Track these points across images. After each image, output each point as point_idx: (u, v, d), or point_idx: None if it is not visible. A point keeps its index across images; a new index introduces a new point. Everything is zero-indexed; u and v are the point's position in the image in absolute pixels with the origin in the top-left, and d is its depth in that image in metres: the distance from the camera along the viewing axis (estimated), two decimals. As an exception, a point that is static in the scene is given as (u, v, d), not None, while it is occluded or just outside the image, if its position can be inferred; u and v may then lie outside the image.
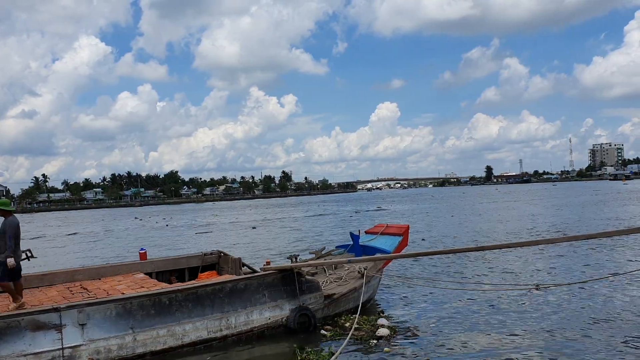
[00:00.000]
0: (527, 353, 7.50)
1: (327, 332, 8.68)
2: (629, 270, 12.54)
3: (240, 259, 10.34)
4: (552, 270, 13.80)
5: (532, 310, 9.77)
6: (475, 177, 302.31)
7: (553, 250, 16.67)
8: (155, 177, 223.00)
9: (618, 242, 17.37)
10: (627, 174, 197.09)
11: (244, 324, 8.29)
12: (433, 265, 15.19)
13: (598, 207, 41.23)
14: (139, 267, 10.39)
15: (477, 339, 8.27)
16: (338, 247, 12.37)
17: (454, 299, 10.93)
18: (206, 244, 26.11)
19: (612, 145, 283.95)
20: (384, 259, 10.48)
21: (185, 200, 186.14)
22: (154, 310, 7.62)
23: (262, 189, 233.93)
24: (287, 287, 8.86)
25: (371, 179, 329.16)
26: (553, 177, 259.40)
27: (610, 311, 9.40)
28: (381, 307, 10.65)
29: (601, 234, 7.78)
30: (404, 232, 11.70)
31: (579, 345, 7.68)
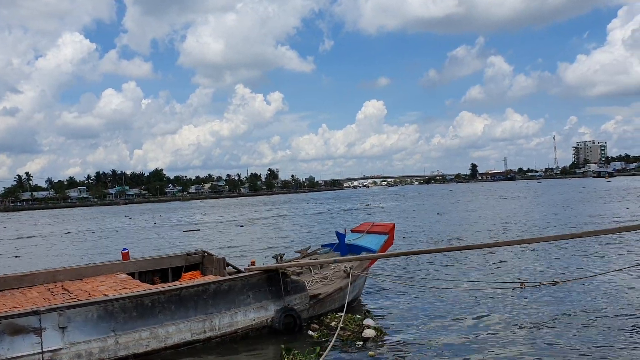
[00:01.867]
0: (515, 352, 7.47)
1: (313, 333, 8.61)
2: (614, 268, 12.61)
3: (225, 259, 10.21)
4: (537, 268, 13.85)
5: (518, 309, 9.77)
6: (461, 175, 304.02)
7: (539, 248, 16.73)
8: (140, 175, 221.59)
9: (604, 241, 17.48)
10: (610, 171, 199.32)
11: (228, 325, 8.18)
12: (419, 264, 15.16)
13: (583, 205, 41.60)
14: (122, 268, 10.22)
15: (463, 339, 8.23)
16: (324, 246, 12.28)
17: (440, 298, 10.90)
18: (194, 243, 25.93)
19: (595, 142, 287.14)
20: (370, 258, 10.43)
21: (170, 198, 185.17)
22: (136, 312, 7.48)
23: (248, 187, 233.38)
24: (272, 288, 8.76)
25: (358, 177, 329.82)
26: (537, 175, 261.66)
27: (595, 309, 9.42)
28: (367, 306, 10.59)
29: (586, 233, 7.78)
30: (389, 230, 11.66)
31: (566, 343, 7.67)
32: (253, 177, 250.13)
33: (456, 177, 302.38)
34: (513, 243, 10.04)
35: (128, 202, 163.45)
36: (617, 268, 12.33)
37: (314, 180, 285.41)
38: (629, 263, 13.20)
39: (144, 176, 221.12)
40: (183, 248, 16.22)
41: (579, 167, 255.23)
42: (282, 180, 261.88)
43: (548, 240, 9.89)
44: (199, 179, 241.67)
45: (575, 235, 7.88)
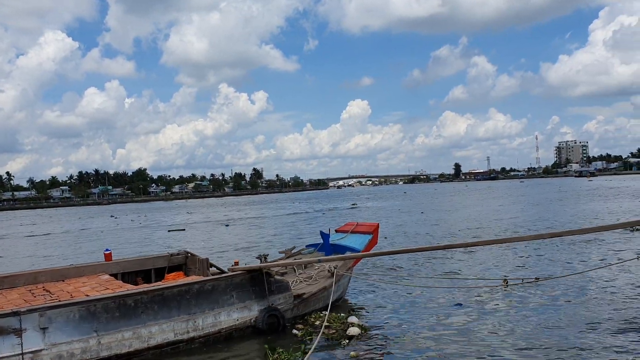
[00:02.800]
0: (497, 349, 7.55)
1: (298, 332, 8.62)
2: (594, 267, 12.77)
3: (208, 259, 10.18)
4: (520, 266, 14.00)
5: (501, 307, 9.87)
6: (444, 174, 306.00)
7: (521, 247, 16.90)
8: (123, 174, 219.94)
9: (584, 240, 17.70)
10: (591, 171, 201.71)
11: (212, 325, 8.16)
12: (403, 263, 15.23)
13: (564, 205, 42.08)
14: (104, 268, 10.14)
15: (446, 337, 8.29)
16: (308, 246, 12.30)
17: (424, 296, 10.97)
18: (179, 243, 25.80)
19: (577, 142, 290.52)
20: (354, 258, 10.46)
21: (153, 198, 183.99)
22: (119, 313, 7.44)
23: (233, 186, 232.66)
24: (256, 288, 8.76)
25: (343, 177, 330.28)
26: (520, 175, 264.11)
27: (577, 306, 9.55)
28: (351, 305, 10.63)
29: (566, 232, 7.89)
30: (373, 230, 11.71)
31: (548, 340, 7.76)
32: (237, 177, 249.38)
33: (440, 176, 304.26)
34: (495, 242, 10.14)
35: (111, 202, 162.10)
36: (597, 266, 12.50)
37: (298, 179, 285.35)
38: (609, 261, 13.40)
39: (127, 176, 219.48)
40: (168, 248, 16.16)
41: (561, 167, 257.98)
42: (266, 179, 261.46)
43: (529, 239, 10.00)
44: (182, 178, 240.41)
45: (555, 234, 7.99)
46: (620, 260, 12.72)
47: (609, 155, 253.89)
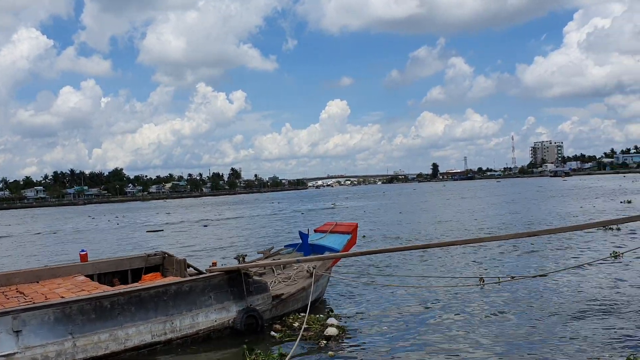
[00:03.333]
0: (474, 347, 7.62)
1: (276, 333, 8.60)
2: (569, 265, 12.97)
3: (185, 260, 10.10)
4: (496, 265, 14.15)
5: (479, 305, 9.97)
6: (422, 174, 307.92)
7: (497, 246, 17.08)
8: (100, 174, 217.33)
9: (559, 239, 17.96)
10: (566, 171, 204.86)
11: (190, 326, 8.10)
12: (381, 263, 15.30)
13: (540, 204, 42.66)
14: (80, 269, 10.00)
15: (424, 336, 8.35)
16: (287, 246, 12.28)
17: (402, 296, 11.03)
18: (157, 244, 25.56)
19: (552, 143, 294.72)
20: (333, 258, 10.46)
21: (130, 198, 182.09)
22: (95, 315, 7.34)
23: (211, 186, 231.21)
24: (234, 289, 8.71)
25: (322, 176, 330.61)
26: (496, 174, 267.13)
27: (552, 304, 9.68)
28: (330, 306, 10.62)
29: (542, 231, 8.00)
30: (352, 230, 11.72)
31: (524, 338, 7.86)
32: (215, 177, 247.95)
33: (418, 176, 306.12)
34: (472, 242, 10.26)
35: (87, 202, 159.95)
36: (572, 265, 12.69)
37: (277, 179, 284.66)
38: (583, 260, 13.61)
39: (104, 176, 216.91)
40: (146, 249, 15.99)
41: (537, 167, 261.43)
42: (245, 179, 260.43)
43: (506, 238, 10.12)
44: (159, 178, 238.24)
45: (531, 234, 8.09)
46: (594, 260, 12.94)
47: (583, 156, 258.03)
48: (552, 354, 7.17)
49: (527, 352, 7.32)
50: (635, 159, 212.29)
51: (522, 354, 7.27)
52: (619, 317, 8.60)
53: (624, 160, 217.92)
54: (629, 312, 8.90)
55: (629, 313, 8.82)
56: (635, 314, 8.71)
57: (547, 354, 7.18)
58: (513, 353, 7.34)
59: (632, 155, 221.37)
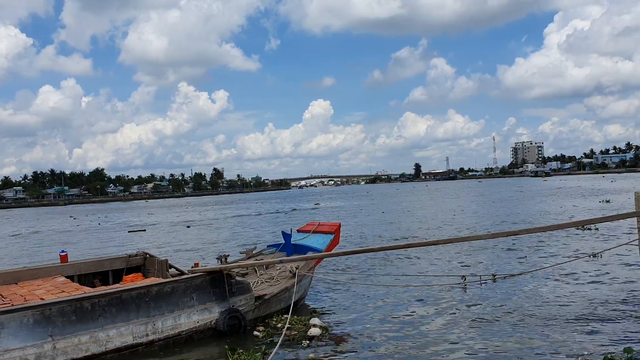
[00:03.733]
0: (456, 346, 7.68)
1: (259, 333, 8.59)
2: (551, 264, 13.12)
3: (167, 261, 10.04)
4: (478, 264, 14.27)
5: (460, 304, 10.04)
6: (405, 174, 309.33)
7: (479, 245, 17.22)
8: (80, 174, 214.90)
9: (539, 238, 18.16)
10: (546, 171, 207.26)
11: (171, 328, 8.05)
12: (364, 263, 15.35)
13: (520, 204, 43.11)
14: (60, 270, 9.88)
15: (406, 335, 8.39)
16: (269, 247, 12.26)
17: (385, 296, 11.06)
18: (139, 244, 25.37)
19: (532, 143, 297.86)
20: (316, 258, 10.47)
21: (111, 198, 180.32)
22: (75, 316, 7.27)
23: (193, 187, 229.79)
24: (217, 289, 8.68)
25: (305, 176, 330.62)
26: (478, 174, 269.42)
27: (533, 302, 9.78)
28: (313, 306, 10.64)
29: (522, 231, 8.10)
30: (335, 230, 11.74)
31: (504, 337, 7.94)
32: (197, 177, 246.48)
33: (400, 176, 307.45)
34: (454, 241, 10.36)
35: (68, 203, 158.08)
36: (552, 264, 12.84)
37: (260, 179, 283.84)
38: (562, 259, 13.77)
39: (84, 176, 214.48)
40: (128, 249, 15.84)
41: (517, 167, 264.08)
42: (227, 179, 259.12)
43: (487, 237, 10.23)
44: (141, 178, 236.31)
45: (512, 233, 8.19)
46: (573, 259, 13.10)
47: (563, 156, 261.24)
48: (530, 353, 7.25)
49: (506, 351, 7.39)
50: (614, 160, 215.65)
51: (502, 353, 7.33)
52: (597, 316, 8.71)
53: (603, 160, 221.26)
54: (607, 311, 9.02)
55: (607, 312, 8.95)
56: (613, 313, 8.84)
57: (526, 352, 7.26)
58: (493, 351, 7.40)
59: (611, 156, 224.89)
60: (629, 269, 12.17)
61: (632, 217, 6.87)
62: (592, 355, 6.87)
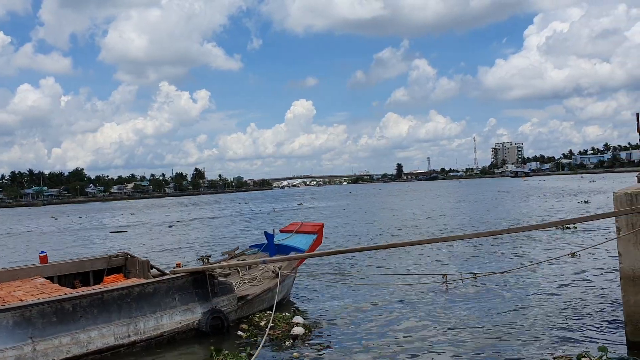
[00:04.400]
0: (438, 344, 7.75)
1: (243, 333, 8.58)
2: (532, 263, 13.28)
3: (148, 261, 9.98)
4: (460, 263, 14.40)
5: (442, 303, 10.14)
6: (387, 175, 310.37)
7: (461, 245, 17.36)
8: (59, 174, 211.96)
9: (519, 237, 18.37)
10: (526, 171, 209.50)
11: (154, 328, 8.01)
12: (346, 263, 15.40)
13: (500, 204, 43.55)
14: (39, 271, 9.77)
15: (388, 333, 8.45)
16: (252, 247, 12.25)
17: (367, 294, 11.12)
18: (121, 245, 25.14)
19: (512, 144, 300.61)
20: (299, 258, 10.48)
21: (91, 199, 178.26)
22: (55, 318, 7.20)
23: (174, 187, 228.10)
24: (199, 290, 8.66)
25: (287, 177, 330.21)
26: (459, 175, 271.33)
27: (512, 301, 9.90)
28: (296, 305, 10.66)
29: (503, 230, 8.20)
30: (318, 230, 11.77)
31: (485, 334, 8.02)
32: (179, 177, 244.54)
33: (383, 177, 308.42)
34: (436, 240, 10.43)
35: (47, 203, 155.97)
36: (532, 263, 13.01)
37: (242, 180, 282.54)
38: (542, 258, 13.94)
39: (64, 176, 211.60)
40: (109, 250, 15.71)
41: (498, 167, 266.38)
42: (209, 180, 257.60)
43: (469, 237, 10.32)
44: (121, 178, 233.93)
45: (493, 233, 8.27)
46: (552, 258, 13.28)
47: (543, 157, 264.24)
48: (509, 350, 7.34)
49: (485, 349, 7.48)
50: (592, 160, 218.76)
51: (480, 350, 7.42)
52: (574, 315, 8.84)
53: (581, 161, 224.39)
54: (583, 310, 9.16)
55: (583, 311, 9.08)
56: (589, 312, 8.98)
57: (504, 350, 7.35)
58: (472, 349, 7.49)
59: (589, 157, 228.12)
60: (606, 268, 12.36)
61: (611, 216, 6.99)
62: (567, 353, 6.97)
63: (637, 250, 6.67)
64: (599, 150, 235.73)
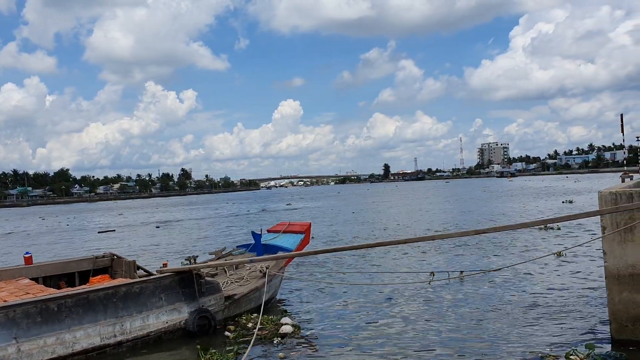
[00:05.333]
0: (424, 342, 7.78)
1: (230, 333, 8.56)
2: (518, 261, 13.37)
3: (135, 262, 9.92)
4: (446, 262, 14.48)
5: (428, 301, 10.20)
6: (374, 175, 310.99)
7: (447, 244, 17.45)
8: (44, 175, 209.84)
9: (506, 236, 18.50)
10: (512, 171, 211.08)
11: (140, 328, 7.96)
12: (333, 262, 15.42)
13: (487, 203, 43.84)
14: (24, 272, 9.66)
15: (375, 332, 8.47)
16: (239, 247, 12.22)
17: (355, 294, 11.15)
18: (109, 246, 24.93)
19: (498, 144, 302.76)
20: (286, 258, 10.48)
21: (77, 199, 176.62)
22: (40, 318, 7.13)
23: (160, 187, 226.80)
24: (186, 290, 8.62)
25: (274, 177, 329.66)
26: (445, 175, 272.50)
27: (497, 299, 9.97)
28: (283, 305, 10.66)
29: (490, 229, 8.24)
30: (305, 230, 11.78)
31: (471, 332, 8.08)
32: (165, 177, 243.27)
33: (370, 177, 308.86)
34: (423, 239, 10.48)
35: (31, 204, 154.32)
36: (517, 262, 13.10)
37: (229, 180, 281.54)
38: (527, 257, 14.05)
39: (49, 176, 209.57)
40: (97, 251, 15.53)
41: (484, 168, 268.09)
42: (195, 180, 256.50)
43: (455, 236, 10.37)
44: (107, 179, 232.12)
45: (479, 232, 8.33)
46: (538, 257, 13.39)
47: (528, 157, 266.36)
48: (497, 349, 7.40)
49: (471, 347, 7.52)
50: (577, 160, 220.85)
51: (467, 349, 7.46)
52: (561, 313, 8.92)
53: (566, 161, 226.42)
54: (570, 308, 9.25)
55: (570, 309, 9.17)
56: (575, 310, 9.07)
57: (491, 349, 7.40)
58: (458, 348, 7.53)
59: (574, 157, 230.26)
60: (592, 267, 12.48)
61: (596, 215, 7.07)
62: (555, 351, 7.04)
63: (622, 249, 6.75)
64: (583, 150, 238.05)
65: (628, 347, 6.69)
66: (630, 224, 6.64)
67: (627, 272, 6.73)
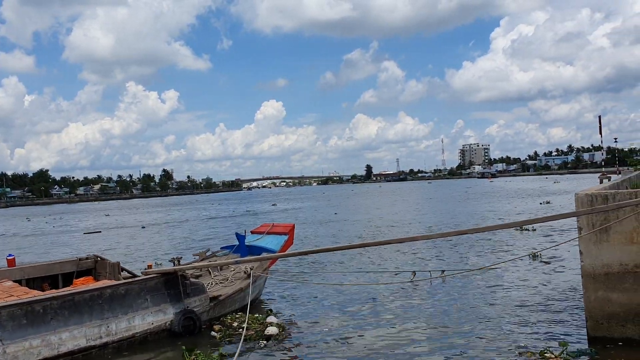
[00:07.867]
0: (409, 340, 7.94)
1: (216, 334, 8.63)
2: (496, 262, 13.62)
3: (119, 263, 9.94)
4: (428, 262, 14.69)
5: (411, 300, 10.38)
6: (357, 176, 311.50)
7: (429, 244, 17.66)
8: (23, 176, 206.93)
9: (485, 236, 18.77)
10: (492, 172, 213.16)
11: (126, 330, 8.00)
12: (318, 263, 15.53)
13: (468, 204, 44.31)
14: (7, 275, 9.61)
15: (359, 331, 8.58)
16: (223, 248, 12.28)
17: (338, 294, 11.27)
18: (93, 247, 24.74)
19: (479, 145, 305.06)
20: (270, 259, 10.58)
21: (56, 200, 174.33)
22: (26, 320, 7.14)
23: (141, 188, 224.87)
24: (171, 291, 8.68)
25: (256, 178, 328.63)
26: (427, 176, 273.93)
27: (476, 299, 10.16)
28: (268, 305, 10.73)
29: (470, 230, 8.44)
30: (289, 231, 11.89)
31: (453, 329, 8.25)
32: (146, 178, 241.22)
33: (352, 177, 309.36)
34: (405, 240, 10.65)
35: (10, 205, 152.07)
36: (496, 262, 13.36)
37: (211, 181, 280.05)
38: (505, 258, 14.31)
39: (27, 177, 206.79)
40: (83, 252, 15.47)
41: (465, 169, 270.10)
42: (177, 181, 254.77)
43: (437, 237, 10.56)
44: (87, 180, 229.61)
45: (460, 232, 8.51)
46: (514, 257, 13.69)
47: (509, 158, 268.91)
48: (475, 346, 7.57)
49: (450, 345, 7.69)
50: (556, 161, 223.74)
51: (449, 347, 7.63)
52: (538, 312, 9.14)
53: (546, 162, 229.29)
54: (544, 307, 9.46)
55: (544, 308, 9.38)
56: (550, 309, 9.28)
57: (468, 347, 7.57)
58: (438, 346, 7.70)
59: (554, 158, 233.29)
60: (567, 267, 12.75)
61: (573, 216, 7.28)
62: (530, 349, 7.22)
63: (598, 249, 6.96)
64: (563, 151, 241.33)
65: (604, 344, 6.89)
66: (606, 225, 6.85)
67: (603, 271, 6.94)
